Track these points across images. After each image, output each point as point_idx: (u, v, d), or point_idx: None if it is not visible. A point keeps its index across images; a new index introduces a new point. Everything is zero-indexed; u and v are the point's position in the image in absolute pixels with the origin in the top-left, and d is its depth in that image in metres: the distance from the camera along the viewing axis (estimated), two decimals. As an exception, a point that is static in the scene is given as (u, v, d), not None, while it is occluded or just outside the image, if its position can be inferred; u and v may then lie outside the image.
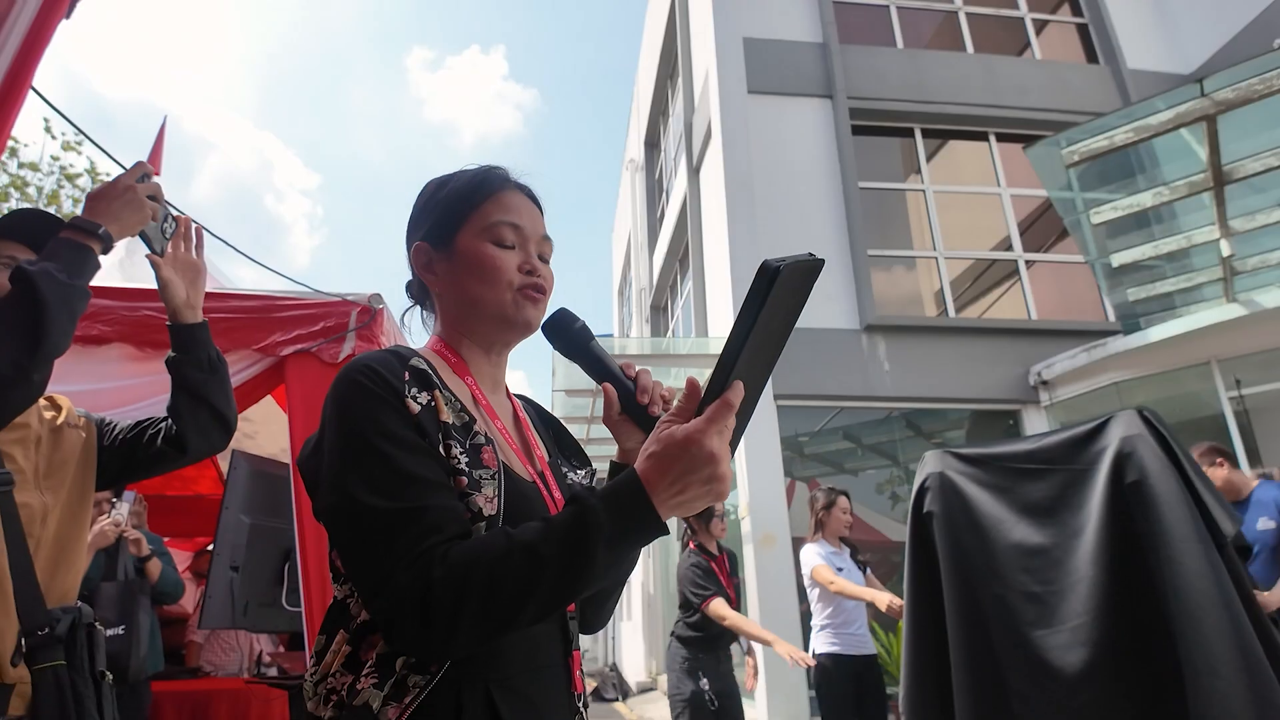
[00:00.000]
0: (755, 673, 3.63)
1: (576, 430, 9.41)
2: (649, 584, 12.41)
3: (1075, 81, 8.73)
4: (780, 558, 6.40)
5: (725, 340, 0.65)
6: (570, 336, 0.87)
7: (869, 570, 3.51)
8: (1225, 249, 5.15)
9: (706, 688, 3.08)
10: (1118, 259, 6.02)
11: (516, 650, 0.77)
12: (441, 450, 0.77)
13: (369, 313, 2.71)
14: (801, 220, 7.74)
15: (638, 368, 0.85)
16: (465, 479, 0.76)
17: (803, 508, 4.07)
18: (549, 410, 1.10)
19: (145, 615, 2.97)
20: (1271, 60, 3.99)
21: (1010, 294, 8.15)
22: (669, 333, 11.98)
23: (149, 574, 3.06)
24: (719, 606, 3.10)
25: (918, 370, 7.29)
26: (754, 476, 6.65)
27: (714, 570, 3.26)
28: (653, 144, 13.76)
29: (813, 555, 3.34)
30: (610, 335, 17.72)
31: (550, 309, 0.90)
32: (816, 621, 3.33)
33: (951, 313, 7.85)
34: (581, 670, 0.87)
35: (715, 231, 8.14)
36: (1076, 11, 9.46)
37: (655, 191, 13.48)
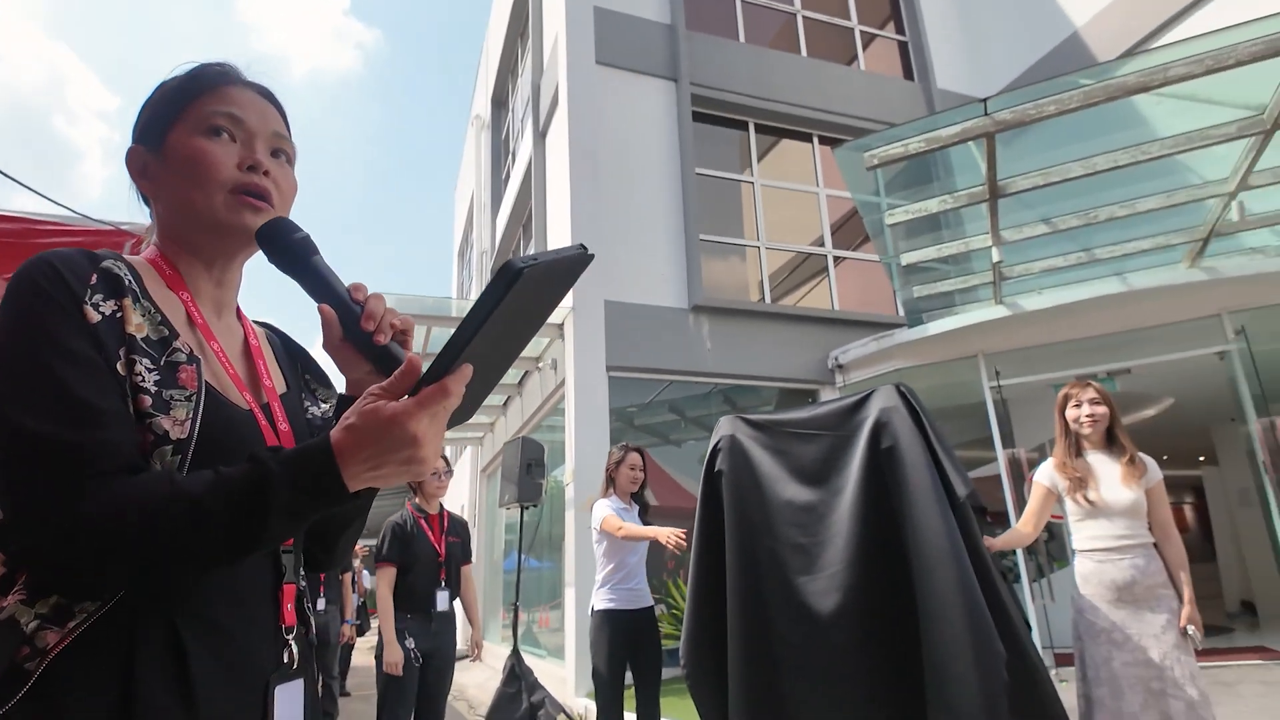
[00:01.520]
0: (478, 647, 3.76)
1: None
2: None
3: (892, 95, 9.58)
4: (599, 523, 6.59)
5: (457, 327, 0.64)
6: (289, 248, 0.78)
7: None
8: (995, 255, 5.93)
9: (412, 647, 3.15)
10: (906, 258, 6.73)
11: (213, 581, 0.73)
12: (122, 367, 0.70)
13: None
14: (641, 197, 7.90)
15: (370, 291, 0.79)
16: (149, 399, 0.70)
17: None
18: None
19: None
20: (1044, 88, 4.63)
21: (819, 286, 8.87)
22: (508, 299, 11.78)
23: None
24: (379, 577, 3.24)
25: (736, 350, 7.76)
26: (581, 444, 6.77)
27: (420, 530, 3.35)
28: (500, 103, 13.36)
29: (603, 508, 3.42)
30: (449, 298, 17.11)
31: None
32: (598, 577, 3.41)
33: (769, 300, 8.41)
34: (298, 604, 0.84)
35: (559, 199, 8.11)
36: (900, 30, 10.35)
37: (501, 152, 13.14)
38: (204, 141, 0.81)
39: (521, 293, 0.62)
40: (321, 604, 6.14)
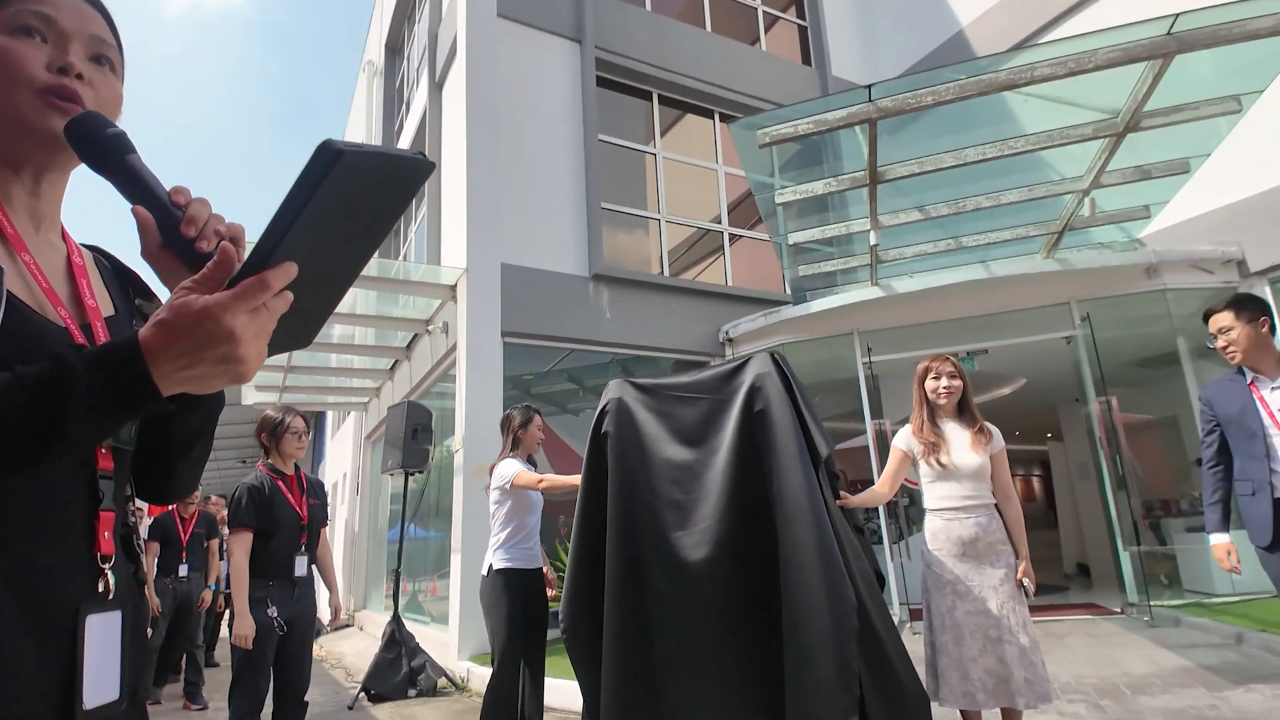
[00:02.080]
0: (337, 612, 3.61)
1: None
2: (354, 521, 11.89)
3: (790, 78, 9.82)
4: (487, 489, 6.52)
5: (274, 214, 0.60)
6: (102, 144, 0.73)
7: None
8: (873, 239, 6.24)
9: (275, 615, 3.02)
10: (794, 238, 6.99)
11: (15, 504, 0.69)
12: None
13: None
14: (541, 159, 7.75)
15: (194, 195, 0.74)
16: None
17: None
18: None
19: None
20: (924, 79, 4.87)
21: (715, 262, 9.07)
22: (400, 257, 11.33)
23: None
24: (235, 543, 3.05)
25: (635, 321, 7.82)
26: (473, 412, 6.65)
27: (280, 493, 3.18)
28: (395, 49, 12.68)
29: (513, 465, 3.40)
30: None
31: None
32: (498, 537, 3.39)
33: (667, 273, 8.51)
34: (124, 535, 0.80)
35: (454, 155, 7.82)
36: (800, 15, 10.60)
37: (394, 102, 12.50)
38: (9, 41, 0.76)
39: (346, 183, 0.58)
40: (184, 570, 5.81)
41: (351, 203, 0.62)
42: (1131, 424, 8.21)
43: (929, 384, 3.13)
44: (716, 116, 9.32)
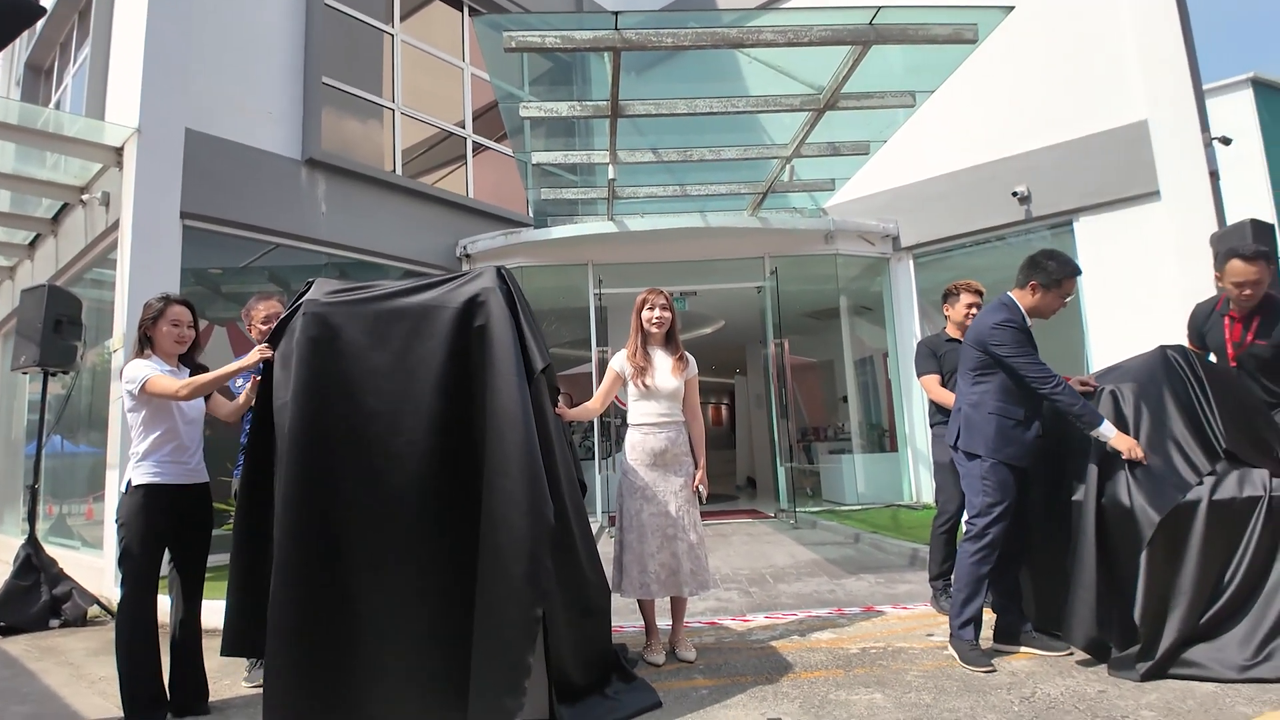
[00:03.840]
0: None
1: None
2: (-31, 427, 9.55)
3: (547, -7, 9.52)
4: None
5: None
6: None
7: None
8: (611, 173, 6.44)
9: None
10: (536, 158, 6.94)
11: None
12: None
13: None
14: (249, 11, 6.60)
15: None
16: None
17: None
18: None
19: None
20: (667, 19, 5.03)
21: (456, 172, 8.66)
22: (51, 104, 8.96)
23: None
24: None
25: (358, 221, 7.19)
26: (136, 304, 5.54)
27: None
28: None
29: (143, 368, 2.86)
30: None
31: None
32: (138, 449, 2.88)
33: (400, 171, 7.91)
34: None
35: (130, -10, 6.30)
36: (561, -77, 10.22)
37: (45, -97, 9.62)
38: None
39: None
40: None
41: None
42: (797, 365, 9.75)
43: (645, 314, 3.38)
44: (466, 9, 8.71)
